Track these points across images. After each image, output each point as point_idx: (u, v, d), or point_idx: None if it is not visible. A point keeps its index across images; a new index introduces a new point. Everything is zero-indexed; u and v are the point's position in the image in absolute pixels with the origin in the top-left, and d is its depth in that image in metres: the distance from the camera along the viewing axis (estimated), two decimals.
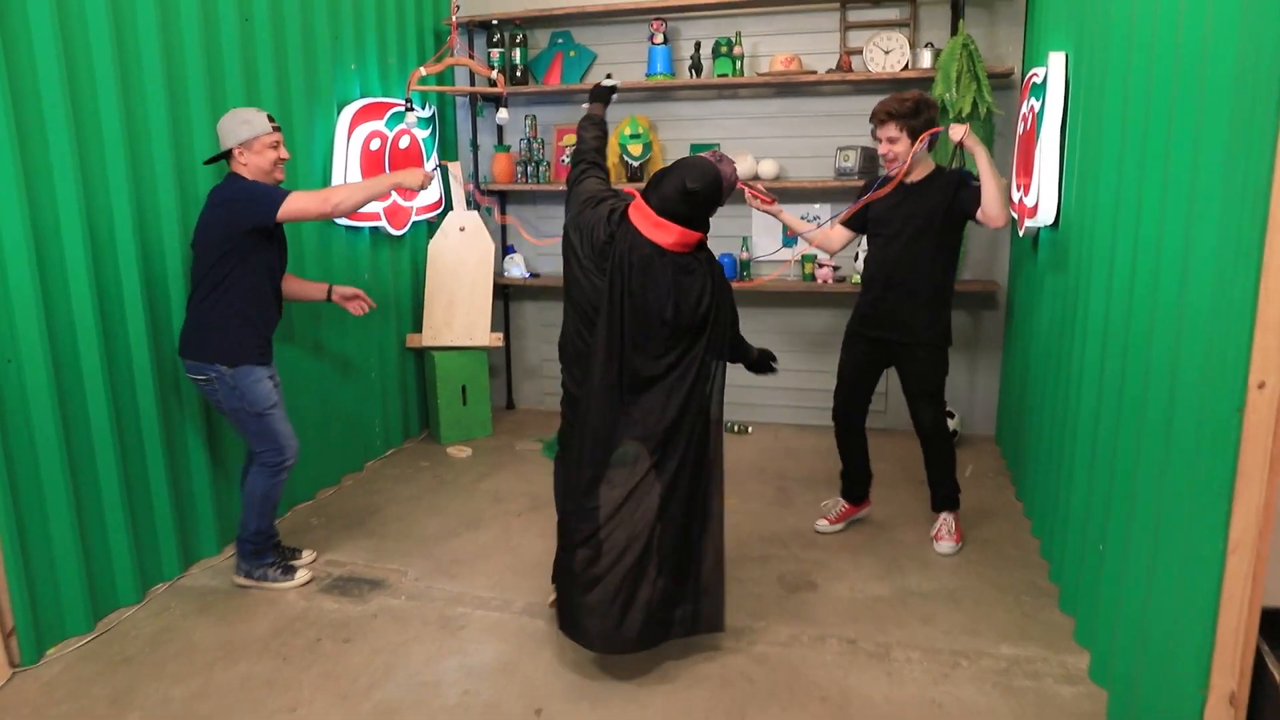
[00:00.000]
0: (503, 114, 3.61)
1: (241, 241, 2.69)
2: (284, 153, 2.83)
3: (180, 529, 3.02)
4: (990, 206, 2.86)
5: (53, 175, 2.50)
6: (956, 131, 2.91)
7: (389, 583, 3.00)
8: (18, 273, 2.41)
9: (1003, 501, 3.61)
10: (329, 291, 3.22)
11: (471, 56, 4.33)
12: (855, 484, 3.36)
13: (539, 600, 2.85)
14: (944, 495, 3.19)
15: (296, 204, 2.69)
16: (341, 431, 3.94)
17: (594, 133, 2.70)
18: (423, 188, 2.88)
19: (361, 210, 3.89)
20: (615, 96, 2.98)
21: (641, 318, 2.29)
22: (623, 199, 2.42)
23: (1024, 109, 3.46)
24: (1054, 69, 2.98)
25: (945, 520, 3.18)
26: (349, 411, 3.99)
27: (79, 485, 2.63)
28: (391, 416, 4.36)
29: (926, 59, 3.96)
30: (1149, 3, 2.11)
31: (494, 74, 3.76)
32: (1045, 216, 3.06)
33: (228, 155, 2.77)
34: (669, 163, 2.57)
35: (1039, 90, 3.18)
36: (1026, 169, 3.38)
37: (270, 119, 2.79)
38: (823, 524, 3.37)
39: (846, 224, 3.23)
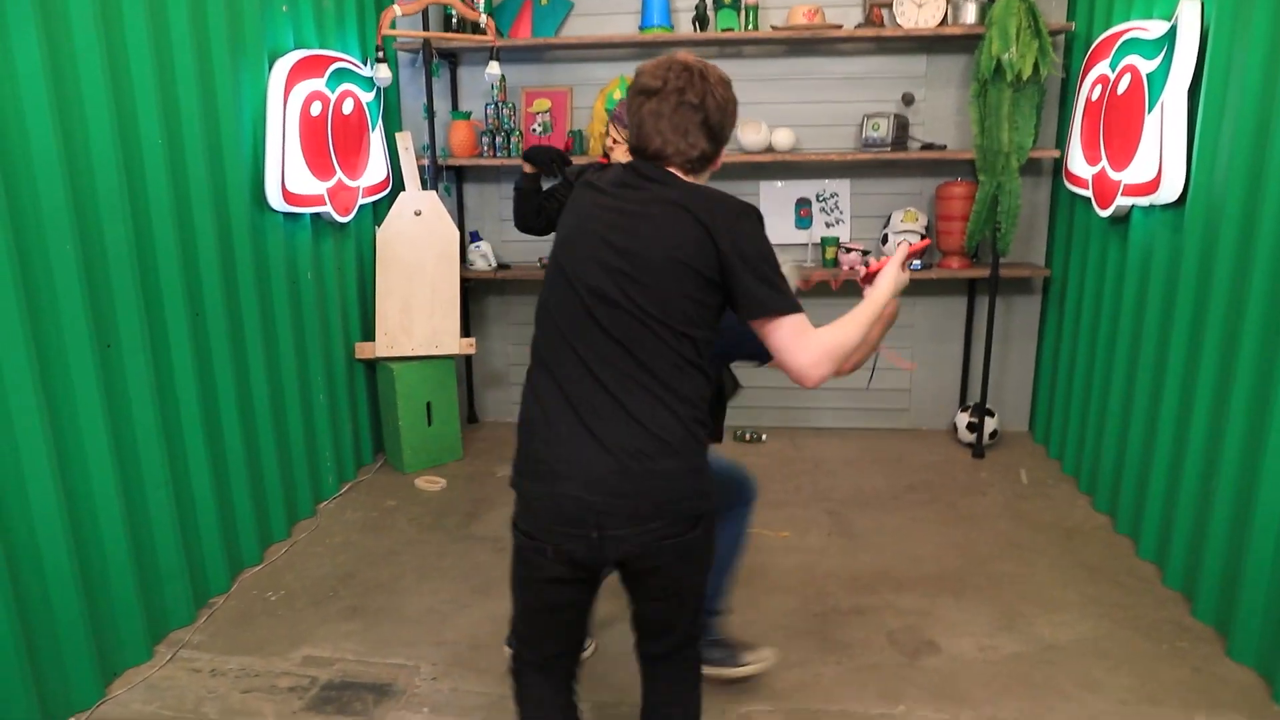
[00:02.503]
0: (493, 68, 2.87)
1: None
2: None
3: (94, 630, 2.17)
4: None
5: None
6: None
7: (397, 687, 2.27)
8: None
9: (1081, 514, 3.20)
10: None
11: None
12: None
13: (611, 698, 2.20)
14: None
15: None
16: (286, 469, 3.11)
17: None
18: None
19: (303, 193, 3.08)
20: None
21: None
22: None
23: (1104, 70, 3.02)
24: (1186, 19, 2.52)
25: None
26: (293, 443, 3.15)
27: None
28: (343, 445, 3.54)
29: (971, 14, 3.47)
30: None
31: (483, 19, 2.99)
32: (1169, 192, 2.62)
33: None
34: None
35: (1147, 47, 2.73)
36: (1110, 140, 2.95)
37: None
38: None
39: None
